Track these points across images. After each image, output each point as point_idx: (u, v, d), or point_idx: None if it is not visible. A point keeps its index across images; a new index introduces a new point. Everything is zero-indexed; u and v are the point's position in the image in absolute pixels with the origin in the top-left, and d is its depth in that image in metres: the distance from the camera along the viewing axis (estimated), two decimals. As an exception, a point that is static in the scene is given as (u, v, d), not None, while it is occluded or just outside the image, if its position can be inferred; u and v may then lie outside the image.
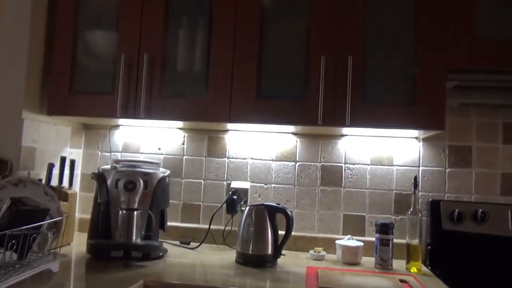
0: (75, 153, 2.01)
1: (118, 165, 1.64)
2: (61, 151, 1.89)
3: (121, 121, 1.95)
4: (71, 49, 1.75)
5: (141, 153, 2.05)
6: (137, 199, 1.56)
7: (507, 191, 1.81)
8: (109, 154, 2.08)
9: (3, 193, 1.29)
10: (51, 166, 1.72)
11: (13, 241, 1.17)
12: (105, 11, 1.75)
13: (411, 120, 1.55)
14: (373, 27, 1.60)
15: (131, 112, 1.70)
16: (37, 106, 1.74)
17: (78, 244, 1.81)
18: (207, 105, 1.66)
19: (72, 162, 1.84)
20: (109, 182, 1.60)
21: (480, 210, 1.72)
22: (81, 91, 1.75)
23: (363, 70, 1.59)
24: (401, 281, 1.45)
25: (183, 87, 1.70)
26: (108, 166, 1.67)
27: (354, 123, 1.57)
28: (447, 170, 1.86)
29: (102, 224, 1.58)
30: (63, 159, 1.79)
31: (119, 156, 2.07)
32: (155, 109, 1.69)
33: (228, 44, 1.66)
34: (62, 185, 1.79)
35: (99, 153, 2.10)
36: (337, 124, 1.58)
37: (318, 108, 1.58)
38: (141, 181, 1.57)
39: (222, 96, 1.66)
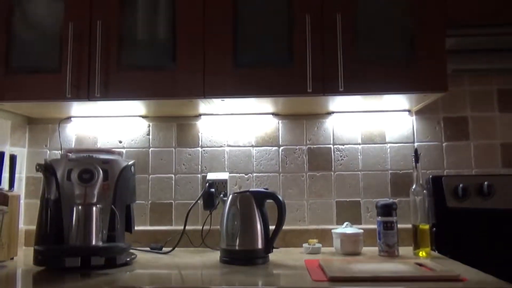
0: (17, 153, 1.68)
1: (70, 154, 1.34)
2: (-2, 148, 1.56)
3: (73, 111, 1.65)
4: (6, 18, 1.46)
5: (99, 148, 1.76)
6: (95, 192, 1.26)
7: (509, 162, 1.67)
8: (59, 152, 1.76)
9: None
10: (-16, 163, 1.39)
11: None
12: (47, -24, 1.48)
13: (410, 80, 1.37)
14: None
15: (83, 91, 1.42)
16: (-36, 90, 1.42)
17: (24, 258, 1.47)
18: (176, 78, 1.41)
19: (13, 159, 1.52)
20: (59, 174, 1.30)
21: (486, 183, 1.56)
22: (20, 70, 1.46)
23: (354, 29, 1.40)
24: (417, 264, 1.24)
25: (146, 58, 1.44)
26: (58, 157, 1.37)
27: (349, 89, 1.37)
28: (444, 144, 1.70)
29: (52, 226, 1.26)
30: (0, 155, 1.46)
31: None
32: (113, 87, 1.42)
33: (197, 3, 1.43)
34: (0, 187, 1.46)
35: (48, 152, 1.77)
36: (329, 91, 1.38)
37: (306, 75, 1.37)
38: (100, 170, 1.28)
39: (193, 68, 1.41)
